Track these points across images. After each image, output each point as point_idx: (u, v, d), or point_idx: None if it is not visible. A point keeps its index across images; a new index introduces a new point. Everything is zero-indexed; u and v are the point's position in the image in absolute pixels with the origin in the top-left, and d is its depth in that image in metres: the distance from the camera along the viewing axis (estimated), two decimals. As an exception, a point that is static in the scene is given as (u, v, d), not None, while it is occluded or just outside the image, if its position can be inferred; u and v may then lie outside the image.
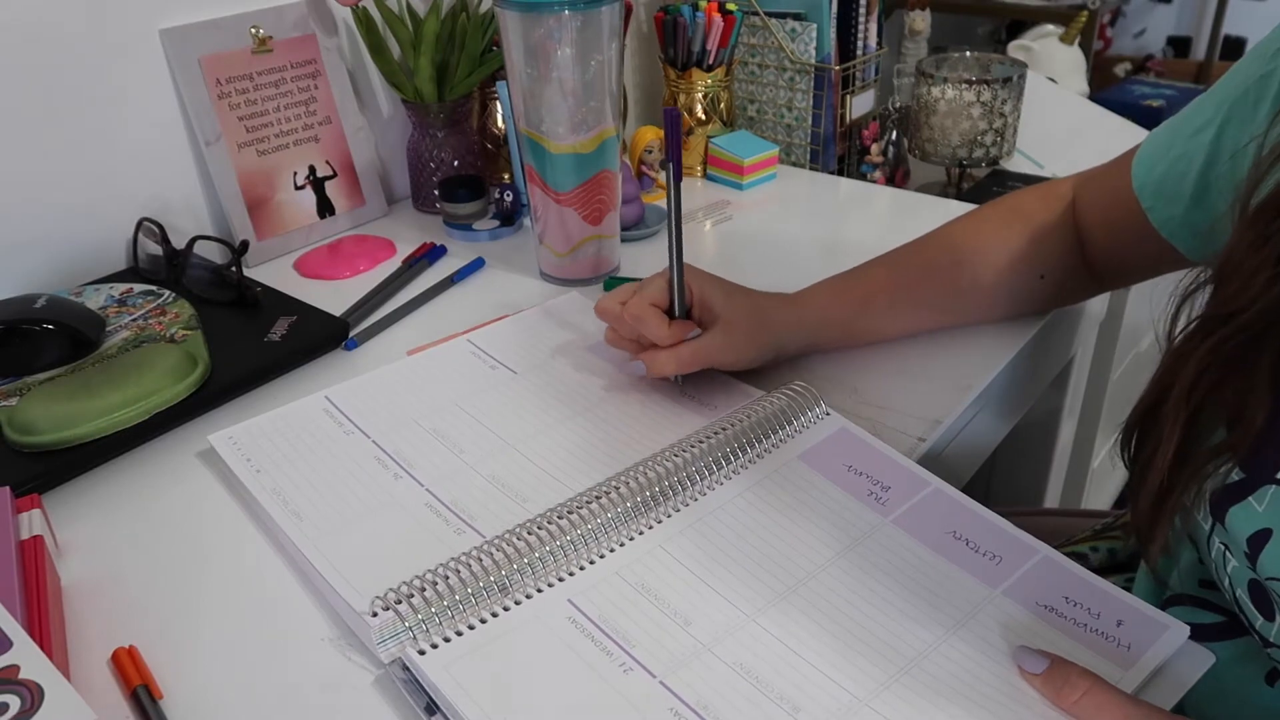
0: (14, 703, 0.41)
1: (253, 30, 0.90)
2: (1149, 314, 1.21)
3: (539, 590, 0.51)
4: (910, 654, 0.47)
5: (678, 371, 0.64)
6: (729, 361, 0.64)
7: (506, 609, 0.49)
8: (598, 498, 0.55)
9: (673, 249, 0.62)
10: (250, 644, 0.50)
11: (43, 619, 0.48)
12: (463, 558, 0.51)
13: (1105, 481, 1.39)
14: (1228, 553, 0.46)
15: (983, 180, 1.12)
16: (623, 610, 0.49)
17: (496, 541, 0.52)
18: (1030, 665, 0.45)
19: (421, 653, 0.47)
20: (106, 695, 0.47)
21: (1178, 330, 0.48)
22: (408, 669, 0.47)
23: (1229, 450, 0.45)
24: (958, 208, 1.00)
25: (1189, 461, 0.46)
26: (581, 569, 0.52)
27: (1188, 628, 0.47)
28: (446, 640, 0.47)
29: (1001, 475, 1.12)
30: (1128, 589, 0.52)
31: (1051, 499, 1.15)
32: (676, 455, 0.58)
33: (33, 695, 0.42)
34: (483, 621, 0.49)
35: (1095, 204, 0.66)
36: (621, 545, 0.53)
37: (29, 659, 0.43)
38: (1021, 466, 1.12)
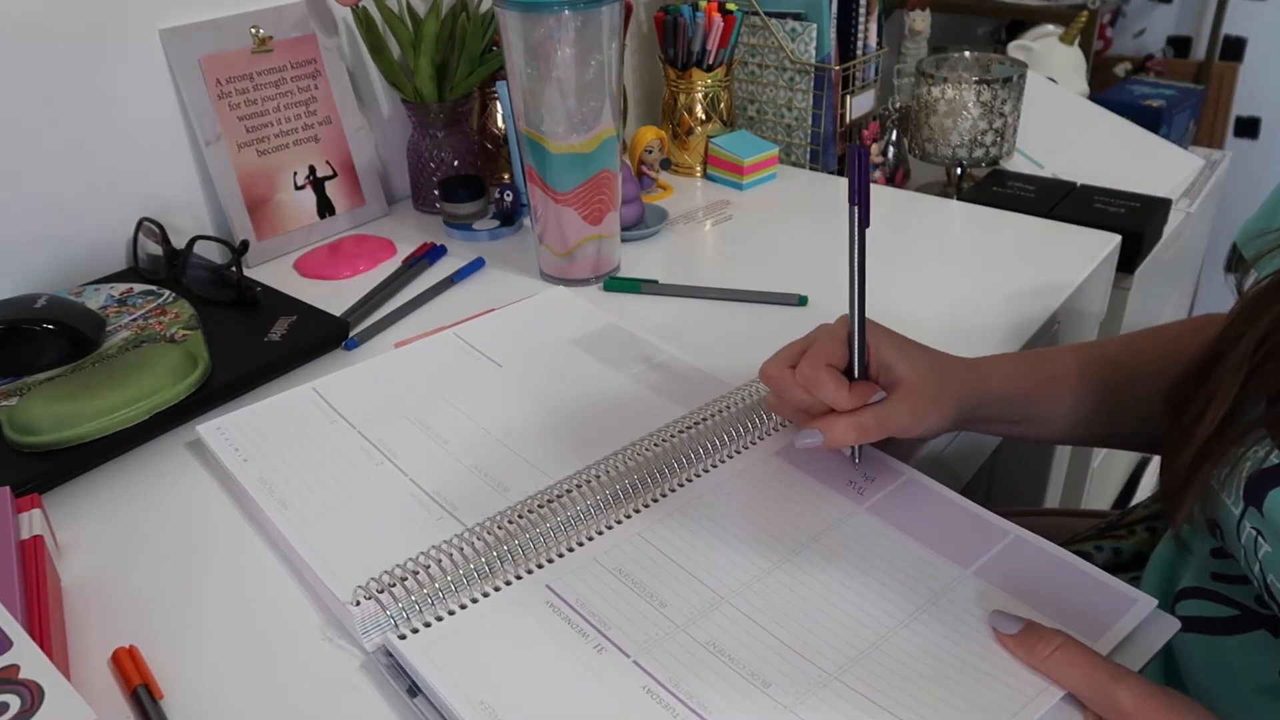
0: (14, 703, 0.41)
1: (253, 30, 0.90)
2: (1148, 315, 1.21)
3: (518, 577, 0.51)
4: (881, 630, 0.48)
5: (859, 441, 0.55)
6: (913, 430, 0.55)
7: (486, 594, 0.50)
8: (577, 486, 0.56)
9: (854, 301, 0.54)
10: (250, 642, 0.50)
11: (43, 619, 0.48)
12: (444, 546, 0.52)
13: (1105, 481, 1.39)
14: (1260, 538, 0.46)
15: (983, 180, 1.12)
16: (599, 594, 0.50)
17: (477, 529, 0.53)
18: (1005, 627, 0.46)
19: (402, 638, 0.48)
20: (106, 695, 0.47)
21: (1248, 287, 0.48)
22: (390, 654, 0.48)
23: (1273, 424, 0.45)
24: (958, 208, 1.00)
25: (1232, 427, 0.46)
26: (560, 555, 0.53)
27: (1155, 600, 0.48)
28: (427, 625, 0.48)
29: (1001, 475, 1.12)
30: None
31: (1051, 499, 1.15)
32: (656, 445, 0.59)
33: (33, 695, 0.42)
34: (463, 607, 0.49)
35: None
36: (600, 533, 0.54)
37: (29, 659, 0.43)
38: (1021, 466, 1.12)
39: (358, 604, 0.49)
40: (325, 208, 0.97)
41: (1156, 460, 1.52)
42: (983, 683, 0.45)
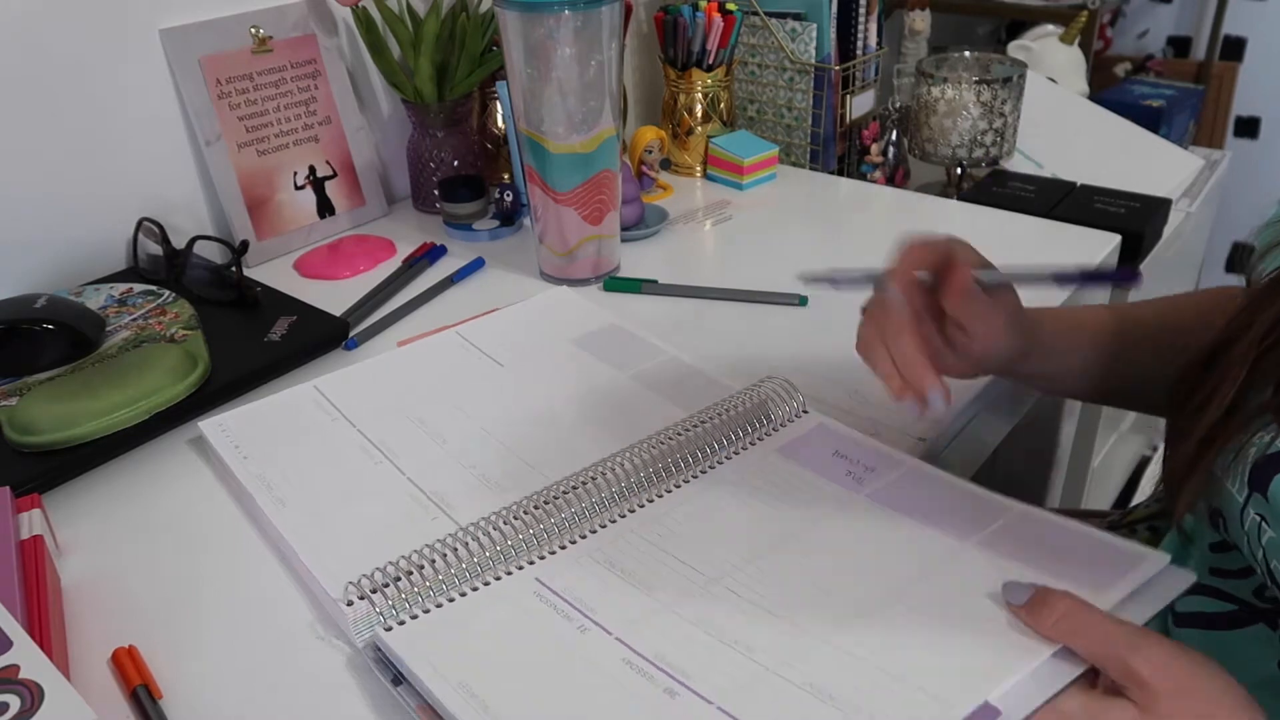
0: (14, 703, 0.41)
1: (253, 30, 0.90)
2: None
3: (509, 573, 0.51)
4: (876, 598, 0.48)
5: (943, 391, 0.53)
6: (985, 338, 0.56)
7: (475, 589, 0.50)
8: (574, 487, 0.56)
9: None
10: (250, 642, 0.50)
11: (43, 619, 0.48)
12: (437, 545, 0.52)
13: (1105, 481, 1.39)
14: (1264, 524, 0.46)
15: (983, 180, 1.12)
16: (586, 582, 0.50)
17: (471, 529, 0.53)
18: (1014, 597, 0.46)
19: (389, 629, 0.48)
20: (106, 695, 0.47)
21: (1260, 276, 0.48)
22: (378, 648, 0.48)
23: (1276, 410, 0.45)
24: (957, 208, 1.00)
25: (1238, 413, 0.46)
26: (552, 553, 0.53)
27: (1168, 555, 0.47)
28: (414, 617, 0.48)
29: (1001, 475, 1.12)
30: None
31: (1052, 499, 1.15)
32: (655, 447, 0.59)
33: (33, 695, 0.42)
34: (450, 601, 0.50)
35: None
36: (594, 532, 0.54)
37: (29, 659, 0.43)
38: (1021, 466, 1.12)
39: (350, 604, 0.49)
40: (325, 208, 0.97)
41: (1157, 460, 1.52)
42: (981, 646, 0.44)
